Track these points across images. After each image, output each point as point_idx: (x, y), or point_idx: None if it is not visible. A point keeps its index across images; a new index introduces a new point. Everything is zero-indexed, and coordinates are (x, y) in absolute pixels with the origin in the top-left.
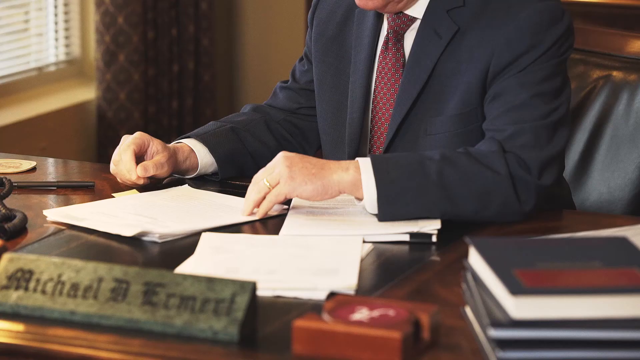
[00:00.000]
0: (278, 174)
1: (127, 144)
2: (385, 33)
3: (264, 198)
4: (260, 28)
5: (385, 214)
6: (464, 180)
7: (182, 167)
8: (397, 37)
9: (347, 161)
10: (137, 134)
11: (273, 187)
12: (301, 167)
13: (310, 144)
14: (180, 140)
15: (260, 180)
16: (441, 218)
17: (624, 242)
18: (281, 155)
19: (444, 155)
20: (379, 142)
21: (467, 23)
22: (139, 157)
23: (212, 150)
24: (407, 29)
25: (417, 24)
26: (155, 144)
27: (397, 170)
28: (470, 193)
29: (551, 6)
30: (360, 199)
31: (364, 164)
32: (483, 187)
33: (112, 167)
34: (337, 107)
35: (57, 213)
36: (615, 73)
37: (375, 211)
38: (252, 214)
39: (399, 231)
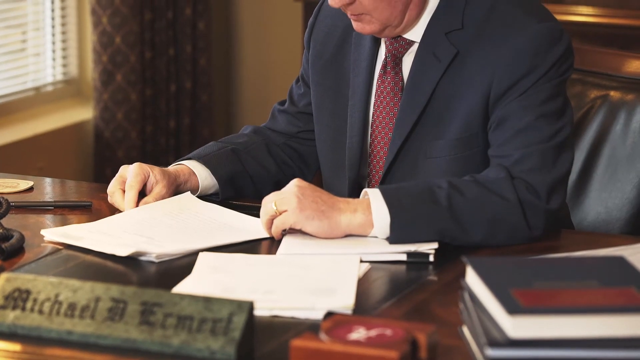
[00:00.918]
0: (287, 202)
1: (130, 184)
2: (384, 57)
3: (272, 220)
4: (258, 48)
5: (397, 240)
6: (474, 208)
7: (183, 189)
8: (395, 60)
9: (356, 201)
10: (137, 168)
11: (280, 213)
12: (311, 200)
13: (309, 168)
14: (180, 162)
15: (269, 203)
16: (451, 243)
17: (621, 261)
18: (294, 184)
19: (452, 183)
20: (379, 166)
21: (466, 46)
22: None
23: (214, 172)
24: (405, 53)
25: (415, 47)
26: (154, 174)
27: (408, 197)
28: (480, 220)
29: (550, 27)
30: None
31: (373, 193)
32: (493, 214)
33: (109, 198)
34: (336, 131)
35: (54, 233)
36: (612, 93)
37: (385, 237)
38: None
39: (396, 251)
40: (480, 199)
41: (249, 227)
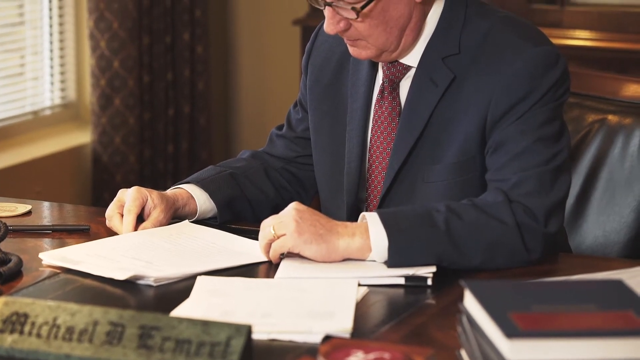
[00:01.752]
0: (285, 226)
1: (128, 208)
2: (381, 82)
3: (270, 244)
4: (256, 72)
5: (395, 264)
6: (472, 232)
7: (181, 213)
8: (392, 85)
9: (354, 225)
10: (135, 192)
11: (278, 237)
12: (309, 224)
13: (307, 192)
14: (179, 186)
15: (267, 227)
16: (449, 267)
17: (619, 285)
18: (293, 207)
19: (449, 207)
20: (377, 191)
21: (463, 70)
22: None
23: (212, 196)
24: (402, 78)
25: (412, 72)
26: (152, 198)
27: (406, 221)
28: (478, 244)
29: (546, 51)
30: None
31: (372, 217)
32: (491, 238)
33: (107, 222)
34: (335, 156)
35: (52, 256)
36: (610, 117)
37: (383, 260)
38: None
39: (394, 274)
40: (478, 223)
41: (247, 250)
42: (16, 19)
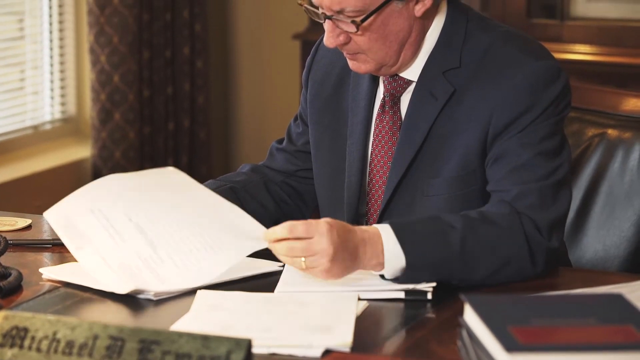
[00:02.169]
0: (317, 262)
1: None
2: (382, 96)
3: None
4: (256, 86)
5: (404, 282)
6: (486, 250)
7: None
8: (393, 99)
9: (372, 247)
10: None
11: (308, 268)
12: (341, 260)
13: (307, 206)
14: None
15: (298, 254)
16: (457, 284)
17: (619, 299)
18: (327, 242)
19: (465, 224)
20: (377, 204)
21: (464, 84)
22: None
23: None
24: (403, 92)
25: (413, 86)
26: None
27: (424, 243)
28: (489, 262)
29: (548, 65)
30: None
31: (387, 233)
32: (503, 254)
33: None
34: (335, 170)
35: (52, 271)
36: (610, 131)
37: (393, 277)
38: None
39: (394, 288)
40: (493, 240)
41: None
42: (16, 34)
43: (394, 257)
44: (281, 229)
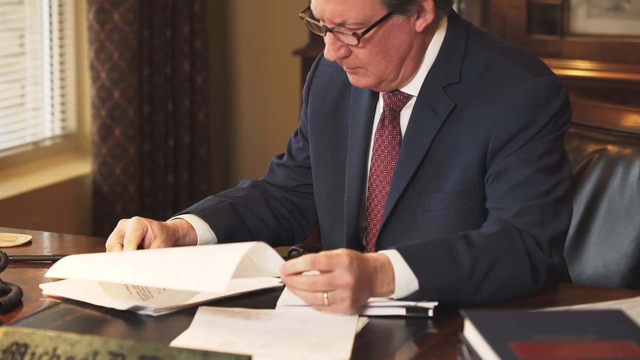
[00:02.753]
0: (340, 298)
1: (129, 239)
2: (382, 111)
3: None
4: (256, 102)
5: (414, 300)
6: (491, 271)
7: (181, 243)
8: (393, 114)
9: (385, 275)
10: (135, 222)
11: (331, 304)
12: (361, 292)
13: (308, 221)
14: (179, 216)
15: (320, 289)
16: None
17: (619, 315)
18: (350, 276)
19: (471, 244)
20: (376, 219)
21: (464, 99)
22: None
23: (213, 226)
24: (403, 107)
25: (413, 101)
26: (152, 228)
27: (434, 266)
28: (494, 281)
29: (547, 81)
30: None
31: (396, 259)
32: (506, 274)
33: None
34: (335, 185)
35: (52, 287)
36: (610, 147)
37: (401, 297)
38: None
39: (395, 305)
40: (497, 261)
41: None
42: (17, 50)
43: (406, 283)
44: (301, 262)
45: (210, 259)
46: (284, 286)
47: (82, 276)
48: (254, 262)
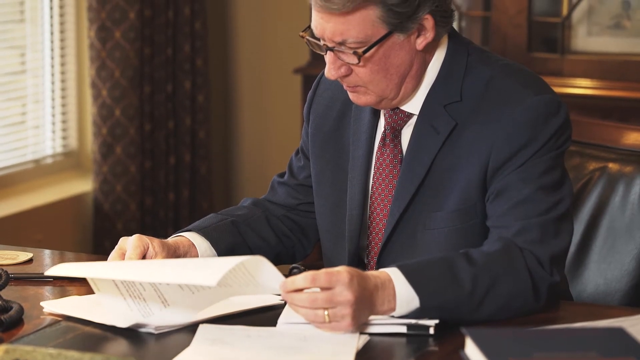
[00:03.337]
0: (341, 316)
1: (129, 256)
2: (383, 129)
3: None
4: (257, 120)
5: (415, 318)
6: (492, 289)
7: None
8: (394, 133)
9: (386, 293)
10: (136, 240)
11: (331, 322)
12: (362, 309)
13: (309, 240)
14: (180, 234)
15: (320, 306)
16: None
17: (620, 332)
18: (350, 293)
19: (472, 262)
20: (378, 238)
21: (465, 118)
22: None
23: (214, 244)
24: (404, 125)
25: (414, 119)
26: (153, 246)
27: (435, 284)
28: (495, 300)
29: (548, 99)
30: None
31: (398, 278)
32: (508, 293)
33: None
34: (336, 204)
35: (53, 304)
36: (611, 165)
37: (402, 314)
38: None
39: (396, 322)
40: (498, 279)
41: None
42: (18, 68)
43: (407, 300)
44: (302, 279)
45: (206, 263)
46: (285, 304)
47: (82, 274)
48: (254, 276)
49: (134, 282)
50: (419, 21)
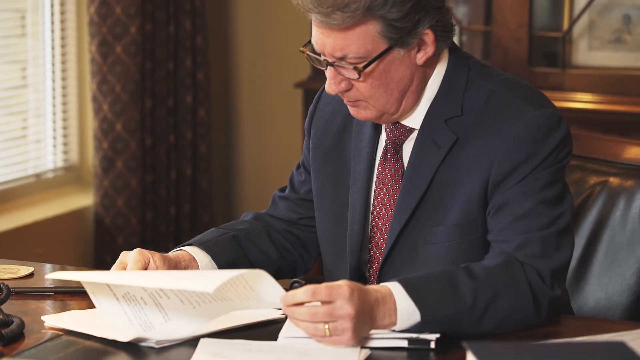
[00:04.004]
0: (341, 329)
1: (130, 269)
2: (384, 144)
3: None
4: (258, 134)
5: (416, 332)
6: (493, 303)
7: None
8: (395, 147)
9: (386, 307)
10: (137, 254)
11: (332, 335)
12: (362, 323)
13: (310, 254)
14: (181, 248)
15: (320, 319)
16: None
17: (621, 347)
18: (351, 307)
19: (473, 276)
20: (379, 252)
21: (466, 132)
22: None
23: (215, 259)
24: (405, 140)
25: (415, 134)
26: (154, 260)
27: (436, 298)
28: (496, 314)
29: (548, 114)
30: None
31: (399, 293)
32: (509, 307)
33: None
34: (338, 218)
35: (54, 319)
36: (612, 179)
37: (403, 328)
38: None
39: (397, 337)
40: (499, 293)
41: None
42: (19, 82)
43: (408, 314)
44: (302, 293)
45: (206, 274)
46: (285, 318)
47: (84, 278)
48: (254, 290)
49: (135, 296)
50: (419, 36)
